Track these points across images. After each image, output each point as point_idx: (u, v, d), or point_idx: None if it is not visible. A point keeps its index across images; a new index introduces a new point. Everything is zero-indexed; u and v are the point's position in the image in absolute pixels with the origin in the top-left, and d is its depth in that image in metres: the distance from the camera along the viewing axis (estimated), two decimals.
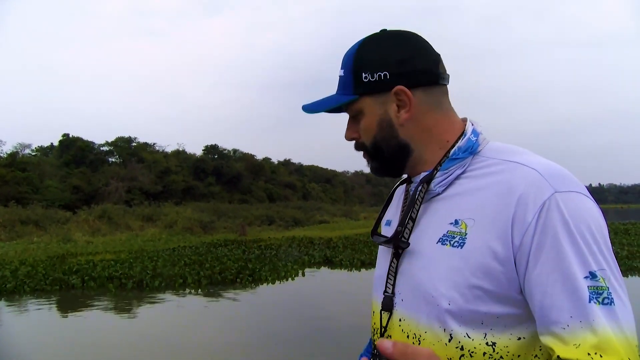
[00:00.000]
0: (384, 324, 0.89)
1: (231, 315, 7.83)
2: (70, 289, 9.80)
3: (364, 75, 0.88)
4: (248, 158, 54.26)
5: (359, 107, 0.91)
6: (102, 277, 10.41)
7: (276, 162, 62.18)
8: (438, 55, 0.90)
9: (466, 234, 0.80)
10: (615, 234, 19.19)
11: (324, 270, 12.51)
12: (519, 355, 0.77)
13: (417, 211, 0.88)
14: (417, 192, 0.87)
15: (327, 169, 75.01)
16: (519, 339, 0.77)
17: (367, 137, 0.92)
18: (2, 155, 36.80)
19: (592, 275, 0.70)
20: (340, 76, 0.92)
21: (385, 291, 0.90)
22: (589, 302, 0.69)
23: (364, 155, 0.96)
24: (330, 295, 9.48)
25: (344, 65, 0.92)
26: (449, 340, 0.79)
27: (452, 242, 0.81)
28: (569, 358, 0.68)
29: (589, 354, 0.67)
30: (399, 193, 1.06)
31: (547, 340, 0.72)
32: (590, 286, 0.69)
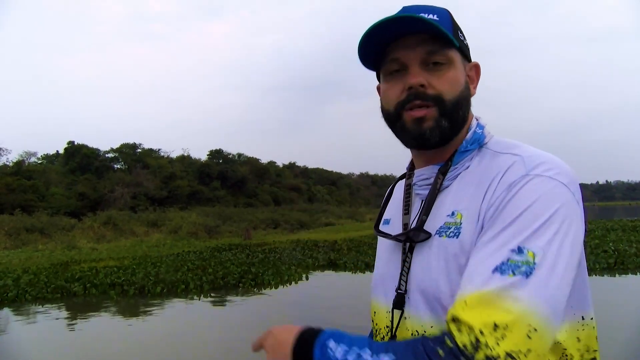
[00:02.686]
0: (395, 322, 0.86)
1: (232, 321, 7.72)
2: (72, 297, 9.73)
3: (459, 34, 0.87)
4: (253, 162, 54.32)
5: (452, 57, 0.85)
6: (104, 284, 10.34)
7: (281, 166, 62.21)
8: None
9: (461, 223, 0.79)
10: (624, 231, 18.94)
11: (328, 273, 12.39)
12: None
13: (433, 203, 0.86)
14: (436, 183, 0.87)
15: (332, 171, 74.99)
16: None
17: (452, 89, 0.84)
18: (8, 163, 37.05)
19: (519, 250, 0.69)
20: (430, 18, 0.82)
21: (398, 288, 0.86)
22: (494, 271, 0.68)
23: (428, 111, 0.83)
24: (333, 298, 9.33)
25: (436, 12, 0.85)
26: None
27: (447, 233, 0.80)
28: (454, 315, 0.68)
29: (462, 309, 0.67)
30: (398, 190, 1.03)
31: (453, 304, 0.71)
32: (511, 259, 0.68)
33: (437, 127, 0.83)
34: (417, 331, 0.81)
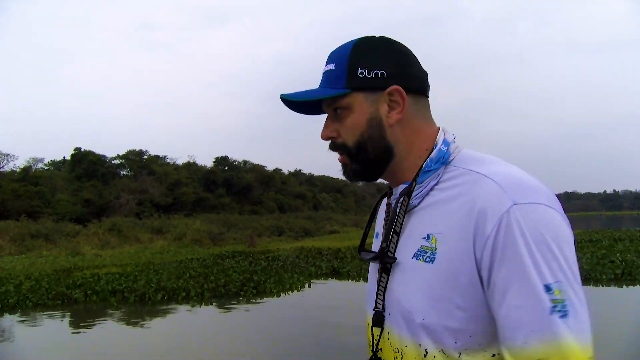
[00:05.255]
0: (375, 338, 0.91)
1: (231, 330, 7.64)
2: (73, 304, 9.69)
3: (359, 70, 0.86)
4: (258, 169, 54.33)
5: (349, 102, 0.87)
6: (105, 291, 10.29)
7: (287, 173, 62.17)
8: (425, 71, 0.93)
9: (436, 249, 0.81)
10: (631, 241, 18.72)
11: (331, 281, 12.28)
12: None
13: (400, 224, 0.88)
14: (399, 206, 0.88)
15: (337, 179, 74.68)
16: (493, 355, 0.77)
17: (351, 135, 0.88)
18: (15, 169, 37.28)
19: (547, 288, 0.70)
20: (328, 70, 0.89)
21: (375, 307, 0.90)
22: (551, 314, 0.69)
23: (342, 158, 0.92)
24: (334, 307, 9.23)
25: (334, 60, 0.89)
26: (424, 356, 0.80)
27: (424, 257, 0.82)
28: None
29: None
30: (382, 207, 1.07)
31: (505, 355, 0.72)
32: (551, 299, 0.69)
33: (351, 170, 0.92)
34: (396, 348, 0.85)
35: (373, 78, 0.86)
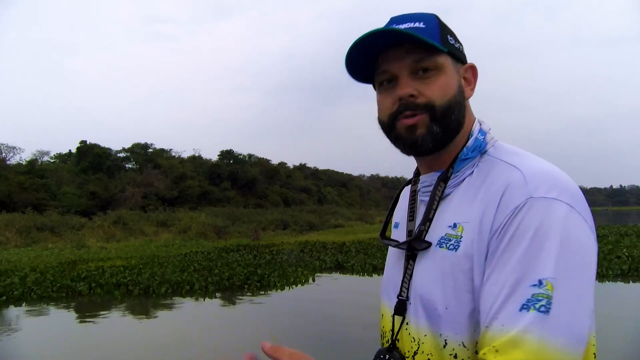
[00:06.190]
0: (395, 328, 0.89)
1: (235, 323, 7.63)
2: (77, 296, 9.72)
3: (449, 37, 0.86)
4: (263, 163, 54.38)
5: (443, 62, 0.84)
6: (110, 284, 10.31)
7: (292, 167, 62.26)
8: None
9: (461, 237, 0.79)
10: (638, 237, 18.57)
11: (335, 275, 12.26)
12: None
13: (435, 211, 0.86)
14: (436, 192, 0.87)
15: (342, 172, 74.91)
16: None
17: (443, 94, 0.84)
18: (21, 162, 37.48)
19: (540, 283, 0.68)
20: (416, 27, 0.84)
21: (399, 295, 0.88)
22: (520, 309, 0.67)
23: (417, 119, 0.84)
24: (340, 301, 9.20)
25: (421, 19, 0.85)
26: (444, 347, 0.78)
27: (448, 245, 0.81)
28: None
29: (494, 357, 0.67)
30: (405, 195, 1.04)
31: (481, 338, 0.71)
32: (535, 294, 0.68)
33: (428, 133, 0.84)
34: (413, 338, 0.84)
35: (458, 49, 0.88)
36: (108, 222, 25.18)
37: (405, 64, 0.84)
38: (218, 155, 51.57)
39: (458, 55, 0.87)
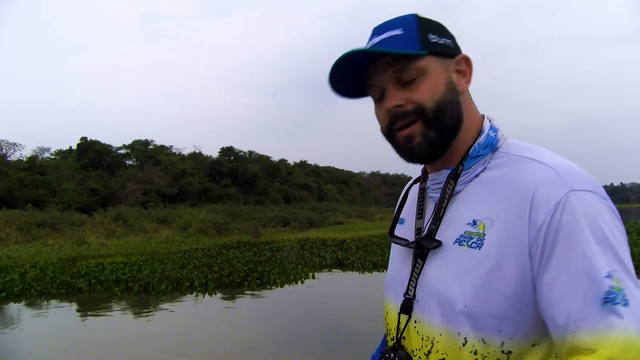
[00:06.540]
0: (401, 327, 0.88)
1: (235, 320, 7.62)
2: (77, 293, 9.71)
3: (430, 35, 0.85)
4: (264, 159, 54.35)
5: (425, 65, 0.84)
6: (109, 280, 10.30)
7: (292, 164, 62.18)
8: None
9: (484, 234, 0.78)
10: (639, 235, 18.53)
11: (335, 272, 12.25)
12: None
13: (444, 209, 0.86)
14: (446, 190, 0.86)
15: (343, 170, 74.84)
16: (534, 345, 0.75)
17: (431, 97, 0.83)
18: (22, 159, 37.48)
19: (609, 276, 0.68)
20: (393, 36, 0.84)
21: (406, 293, 0.88)
22: (603, 305, 0.67)
23: (412, 129, 0.84)
24: (340, 298, 9.19)
25: (398, 25, 0.85)
26: (463, 345, 0.77)
27: (469, 243, 0.80)
28: None
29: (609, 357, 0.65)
30: (413, 192, 1.04)
31: (564, 344, 0.69)
32: (611, 286, 0.67)
33: (424, 140, 0.84)
34: (427, 337, 0.83)
35: (444, 44, 0.86)
36: (108, 218, 25.17)
37: (388, 75, 0.85)
38: (218, 152, 51.59)
39: (444, 52, 0.86)
